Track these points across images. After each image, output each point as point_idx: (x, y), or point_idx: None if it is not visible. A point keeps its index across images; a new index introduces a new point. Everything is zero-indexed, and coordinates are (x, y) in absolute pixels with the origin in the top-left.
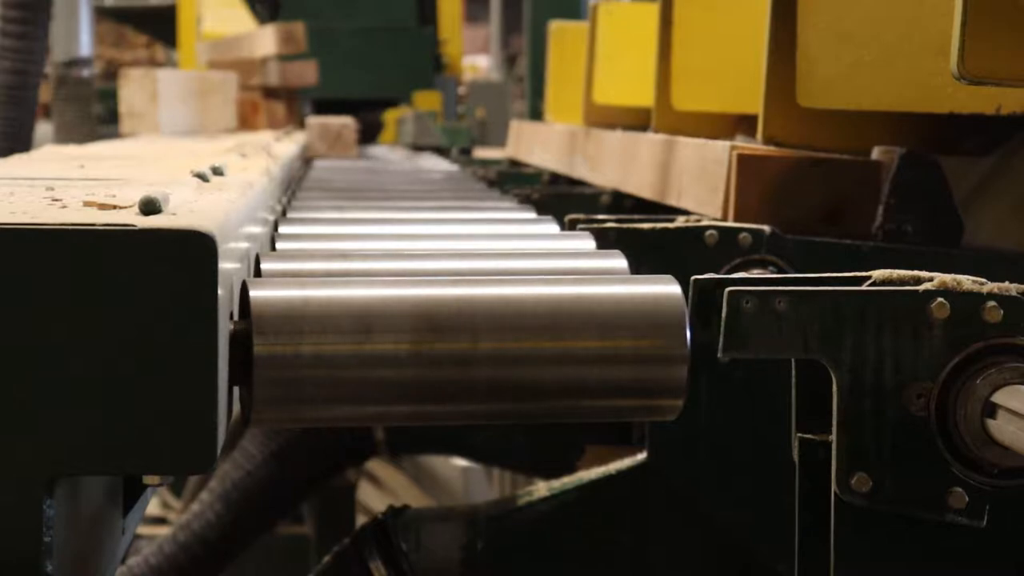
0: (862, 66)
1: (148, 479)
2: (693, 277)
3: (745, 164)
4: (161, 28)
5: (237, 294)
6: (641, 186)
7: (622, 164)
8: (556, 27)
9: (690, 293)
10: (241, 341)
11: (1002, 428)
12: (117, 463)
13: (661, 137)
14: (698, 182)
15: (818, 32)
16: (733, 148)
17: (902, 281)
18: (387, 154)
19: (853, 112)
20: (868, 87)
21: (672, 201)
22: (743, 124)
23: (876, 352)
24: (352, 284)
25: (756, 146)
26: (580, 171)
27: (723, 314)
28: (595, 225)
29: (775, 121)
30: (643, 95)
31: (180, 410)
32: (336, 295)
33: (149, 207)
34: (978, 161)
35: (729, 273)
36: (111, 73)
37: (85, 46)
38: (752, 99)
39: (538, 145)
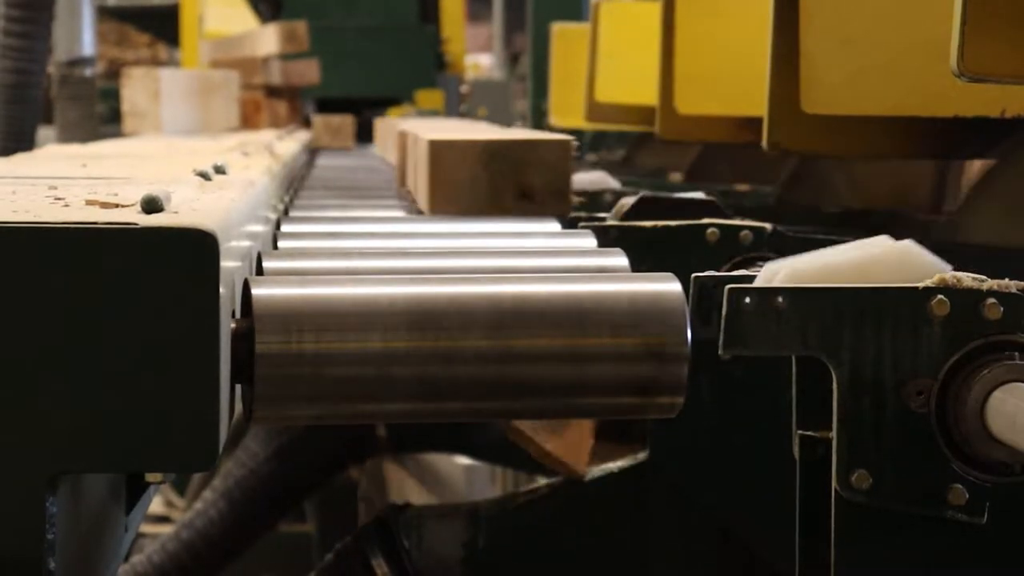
0: (865, 71)
1: (150, 477)
2: (693, 275)
3: (436, 153)
4: (163, 27)
5: (239, 292)
6: (401, 179)
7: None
8: (559, 29)
9: (690, 291)
10: (243, 339)
11: (1002, 424)
12: (119, 461)
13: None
14: (421, 173)
15: (820, 38)
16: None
17: None
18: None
19: (857, 117)
20: (871, 92)
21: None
22: (748, 126)
23: (876, 349)
24: (354, 282)
25: (455, 137)
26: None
27: (723, 312)
28: (596, 223)
29: (780, 128)
30: (645, 93)
31: (182, 408)
32: (338, 293)
33: (151, 206)
34: (979, 163)
35: (730, 271)
36: (113, 72)
37: (87, 45)
38: (755, 101)
39: (388, 141)
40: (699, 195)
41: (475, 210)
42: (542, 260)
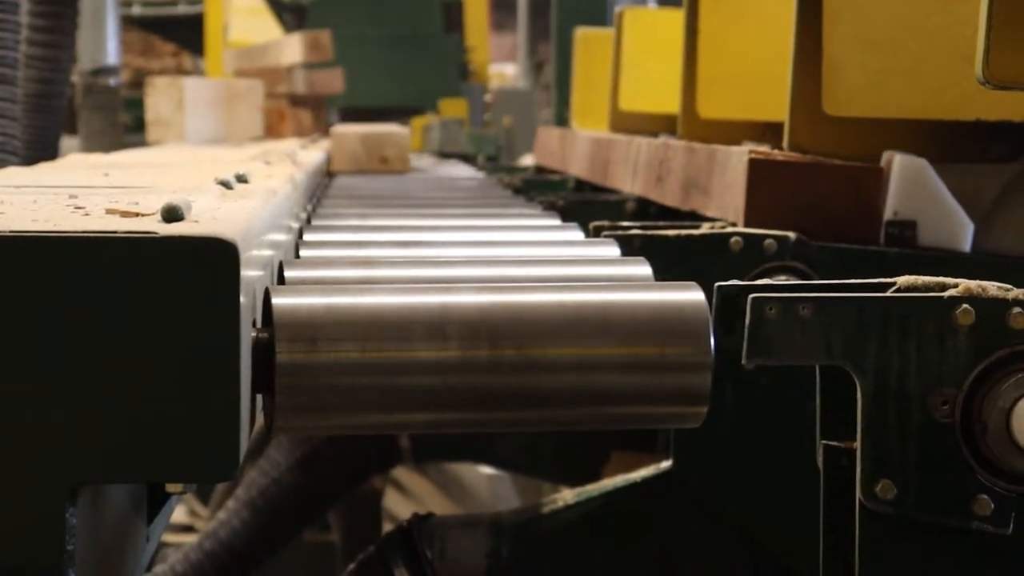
0: (888, 74)
1: (171, 487)
2: (717, 284)
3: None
4: (188, 37)
5: (260, 301)
6: None
7: None
8: (582, 34)
9: (714, 300)
10: (264, 349)
11: None
12: (139, 471)
13: None
14: None
15: (844, 40)
16: None
17: (927, 287)
18: (412, 161)
19: (879, 120)
20: (894, 95)
21: None
22: (770, 131)
23: (901, 359)
24: (375, 292)
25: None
26: None
27: (747, 321)
28: (620, 232)
29: (801, 129)
30: (669, 102)
31: (203, 418)
32: (359, 303)
33: (171, 215)
34: (1003, 168)
35: (754, 279)
36: (138, 82)
37: (112, 55)
38: (778, 106)
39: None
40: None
41: (357, 168)
42: (565, 269)
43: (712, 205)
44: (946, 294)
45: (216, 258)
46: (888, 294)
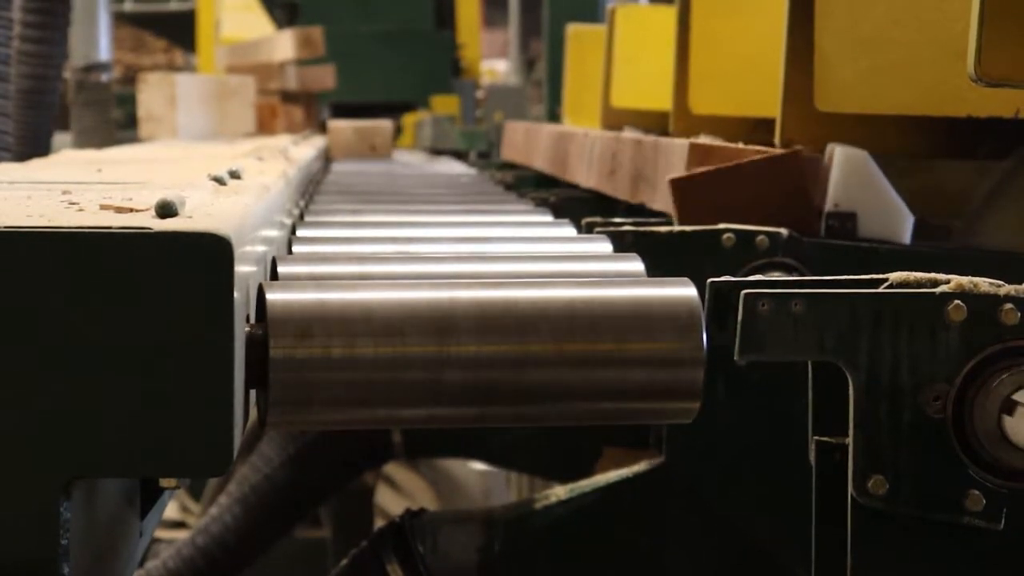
0: (879, 70)
1: (164, 482)
2: (709, 280)
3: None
4: (180, 33)
5: (254, 297)
6: None
7: None
8: (574, 30)
9: (706, 296)
10: (257, 344)
11: (1019, 430)
12: (133, 466)
13: None
14: None
15: (835, 36)
16: None
17: (919, 283)
18: (405, 157)
19: (870, 116)
20: (885, 91)
21: None
22: (761, 127)
23: (893, 354)
24: (368, 287)
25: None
26: None
27: (739, 316)
28: (612, 228)
29: (793, 125)
30: (661, 98)
31: (196, 413)
32: (352, 298)
33: (165, 210)
34: (993, 165)
35: (746, 276)
36: (130, 78)
37: (104, 51)
38: (770, 102)
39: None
40: None
41: (351, 156)
42: (558, 265)
43: (658, 198)
44: (938, 290)
45: (210, 254)
46: (880, 290)
